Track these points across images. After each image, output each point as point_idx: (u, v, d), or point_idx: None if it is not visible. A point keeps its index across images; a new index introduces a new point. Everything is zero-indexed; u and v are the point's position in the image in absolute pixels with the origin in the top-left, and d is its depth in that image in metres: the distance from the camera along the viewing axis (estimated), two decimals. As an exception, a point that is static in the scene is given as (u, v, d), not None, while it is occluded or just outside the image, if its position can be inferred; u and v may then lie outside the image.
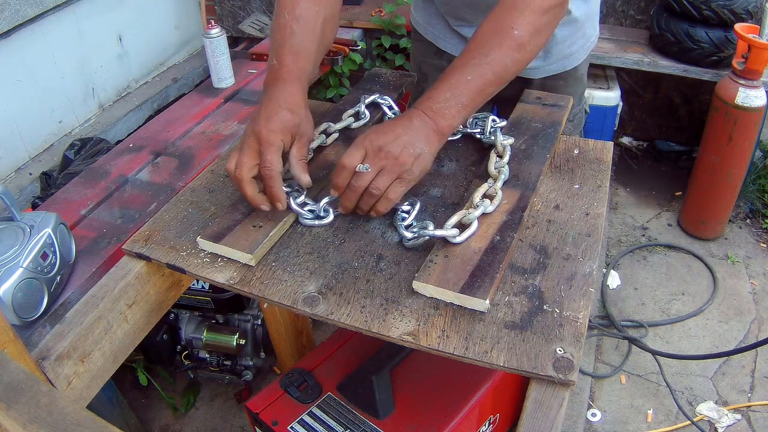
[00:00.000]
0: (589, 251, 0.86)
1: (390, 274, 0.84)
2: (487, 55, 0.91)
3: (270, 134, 0.87)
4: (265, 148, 0.87)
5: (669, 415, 1.87)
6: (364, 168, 0.86)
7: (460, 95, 0.90)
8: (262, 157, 0.87)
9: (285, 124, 0.89)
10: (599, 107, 2.40)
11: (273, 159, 0.87)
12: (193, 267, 0.88)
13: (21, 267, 1.00)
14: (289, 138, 0.90)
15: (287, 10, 0.98)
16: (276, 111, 0.89)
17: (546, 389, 0.70)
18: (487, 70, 0.91)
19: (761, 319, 2.16)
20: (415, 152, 0.87)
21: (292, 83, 0.94)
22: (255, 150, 0.88)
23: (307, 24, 0.98)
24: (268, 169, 0.87)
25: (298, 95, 0.93)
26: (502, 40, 0.92)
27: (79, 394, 0.83)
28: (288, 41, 0.96)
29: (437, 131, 0.90)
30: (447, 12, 1.32)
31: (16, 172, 1.96)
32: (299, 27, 0.97)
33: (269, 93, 0.93)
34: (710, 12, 2.15)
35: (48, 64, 2.04)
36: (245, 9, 2.88)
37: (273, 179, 0.87)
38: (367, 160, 0.87)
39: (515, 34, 0.92)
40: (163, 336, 1.79)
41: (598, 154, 1.07)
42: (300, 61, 0.96)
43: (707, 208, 2.44)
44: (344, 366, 1.34)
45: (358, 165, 0.87)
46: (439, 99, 0.90)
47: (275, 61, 0.96)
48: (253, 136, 0.88)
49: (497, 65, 0.92)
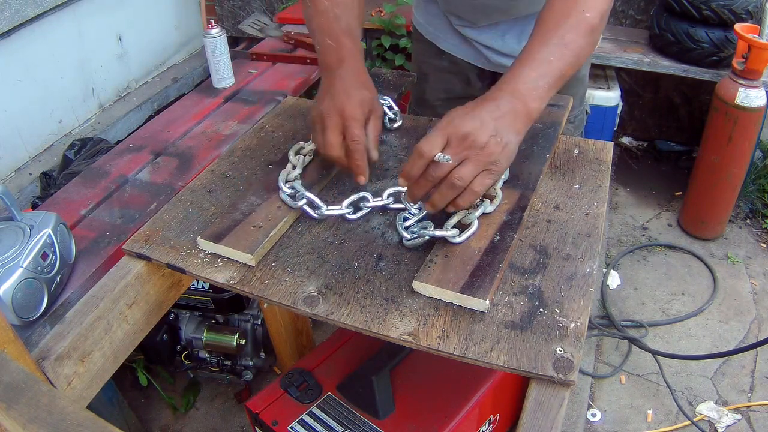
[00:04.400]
0: (589, 251, 0.86)
1: (390, 274, 0.84)
2: (563, 37, 0.86)
3: (354, 110, 0.92)
4: (350, 123, 0.91)
5: (669, 415, 1.87)
6: (445, 159, 0.77)
7: (546, 75, 0.85)
8: (349, 131, 0.91)
9: (364, 100, 0.94)
10: (599, 107, 2.40)
11: (360, 133, 0.91)
12: (193, 267, 0.88)
13: (21, 267, 1.00)
14: (367, 113, 0.95)
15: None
16: (354, 88, 0.94)
17: (546, 389, 0.70)
18: (567, 52, 0.86)
19: (761, 319, 2.16)
20: (503, 141, 0.80)
21: (357, 62, 0.99)
22: (339, 127, 0.92)
23: (346, 6, 1.02)
24: (356, 143, 0.91)
25: (365, 73, 1.00)
26: (576, 23, 0.88)
27: (79, 394, 0.83)
28: (336, 23, 1.00)
29: (527, 115, 0.84)
30: (449, 11, 1.32)
31: (16, 172, 1.96)
32: (341, 10, 1.01)
33: (338, 72, 0.96)
34: (710, 12, 2.15)
35: (48, 64, 2.04)
36: (245, 9, 2.88)
37: (360, 152, 0.91)
38: (448, 149, 0.79)
39: (587, 17, 0.88)
40: (163, 336, 1.79)
41: (598, 154, 1.07)
42: (355, 40, 1.01)
43: (707, 208, 2.44)
44: (344, 366, 1.34)
45: (437, 154, 0.78)
46: (526, 80, 0.84)
47: (330, 41, 0.99)
48: (335, 114, 0.92)
49: (575, 47, 0.87)
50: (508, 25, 1.28)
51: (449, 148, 0.79)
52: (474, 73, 1.40)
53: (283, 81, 2.03)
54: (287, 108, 1.27)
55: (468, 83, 1.42)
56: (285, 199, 0.94)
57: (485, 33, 1.30)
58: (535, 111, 0.84)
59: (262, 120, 1.24)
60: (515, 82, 0.84)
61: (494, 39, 1.30)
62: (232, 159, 1.12)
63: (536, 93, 0.84)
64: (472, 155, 0.79)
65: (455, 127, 0.79)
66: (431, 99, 1.46)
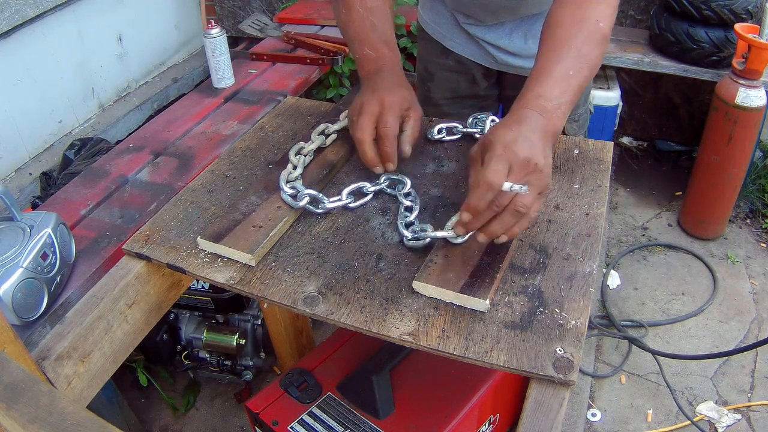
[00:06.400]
0: (589, 251, 0.86)
1: (390, 274, 0.84)
2: (580, 49, 0.85)
3: (393, 101, 0.95)
4: (386, 110, 0.94)
5: (669, 415, 1.87)
6: (522, 189, 0.74)
7: (567, 92, 0.83)
8: (383, 118, 0.93)
9: (404, 97, 0.97)
10: (599, 107, 2.40)
11: (393, 121, 0.94)
12: (193, 267, 0.88)
13: (21, 267, 1.00)
14: (406, 111, 0.97)
15: (358, 3, 1.04)
16: (395, 86, 0.97)
17: (546, 389, 0.70)
18: (584, 65, 0.86)
19: (761, 319, 2.16)
20: (549, 161, 0.79)
21: (397, 69, 1.02)
22: (375, 114, 0.94)
23: (381, 14, 1.04)
24: (387, 129, 0.94)
25: (406, 81, 1.02)
26: (591, 34, 0.87)
27: (79, 394, 0.83)
28: (372, 32, 1.03)
29: (554, 134, 0.82)
30: (456, 9, 1.32)
31: (16, 172, 1.96)
32: (376, 18, 1.03)
33: (378, 78, 0.99)
34: (710, 12, 2.15)
35: (48, 64, 2.04)
36: (245, 9, 2.88)
37: (390, 139, 0.94)
38: (512, 176, 0.75)
39: (601, 27, 0.87)
40: (163, 336, 1.79)
41: (598, 154, 1.07)
42: (394, 49, 1.04)
43: (707, 208, 2.44)
44: (344, 366, 1.34)
45: (507, 183, 0.74)
46: (551, 97, 0.82)
47: (370, 50, 1.02)
48: (376, 102, 0.94)
49: (591, 59, 0.87)
50: (515, 23, 1.28)
51: (512, 174, 0.76)
52: (480, 72, 1.40)
53: (283, 81, 2.04)
54: (287, 108, 1.27)
55: (474, 82, 1.42)
56: (286, 199, 0.94)
57: (492, 31, 1.30)
58: (559, 130, 0.84)
59: (262, 120, 1.24)
60: (541, 100, 0.82)
61: (501, 38, 1.30)
62: (232, 159, 1.12)
63: (560, 111, 0.83)
64: (533, 180, 0.76)
65: (514, 152, 0.76)
66: (437, 98, 1.47)
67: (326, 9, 2.56)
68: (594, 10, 0.87)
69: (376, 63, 1.01)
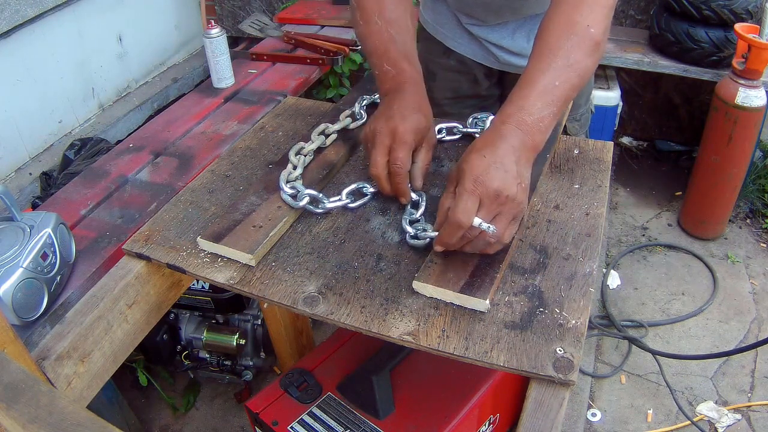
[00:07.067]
0: (589, 251, 0.86)
1: (390, 274, 0.84)
2: (568, 57, 0.83)
3: (405, 133, 0.91)
4: (397, 145, 0.91)
5: (669, 415, 1.87)
6: (490, 230, 0.76)
7: (551, 104, 0.81)
8: (393, 154, 0.91)
9: (418, 126, 0.93)
10: (599, 107, 2.40)
11: (404, 157, 0.91)
12: (193, 267, 0.88)
13: (21, 267, 1.00)
14: (419, 140, 0.94)
15: (377, 15, 0.99)
16: (411, 112, 0.93)
17: (546, 389, 0.70)
18: (572, 74, 0.83)
19: (761, 319, 2.16)
20: (524, 184, 0.79)
21: (417, 88, 0.97)
22: (387, 147, 0.91)
23: (401, 26, 1.00)
24: (397, 166, 0.91)
25: (425, 101, 0.98)
26: (581, 41, 0.84)
27: (79, 394, 0.83)
28: (392, 46, 0.98)
29: (534, 149, 0.82)
30: (459, 9, 1.32)
31: (16, 172, 1.96)
32: (396, 30, 0.99)
33: (397, 97, 0.95)
34: (710, 12, 2.15)
35: (48, 64, 2.04)
36: (245, 9, 2.88)
37: (400, 176, 0.91)
38: (482, 210, 0.77)
39: (592, 33, 0.84)
40: (163, 336, 1.79)
41: (598, 154, 1.07)
42: (414, 64, 1.00)
43: (707, 208, 2.44)
44: (344, 366, 1.34)
45: (475, 220, 0.76)
46: (532, 110, 0.81)
47: (389, 67, 0.98)
48: (387, 133, 0.91)
49: (581, 68, 0.84)
50: (518, 23, 1.28)
51: (483, 208, 0.77)
52: (482, 72, 1.40)
53: (283, 81, 2.04)
54: (287, 108, 1.27)
55: (475, 82, 1.42)
56: (286, 199, 0.94)
57: (495, 31, 1.30)
58: (540, 143, 0.82)
59: (262, 120, 1.24)
60: (522, 113, 0.81)
61: (504, 37, 1.30)
62: (232, 159, 1.12)
63: (542, 125, 0.81)
64: (504, 210, 0.78)
65: (484, 186, 0.76)
66: (438, 98, 1.46)
67: (326, 9, 2.57)
68: (584, 15, 0.84)
69: (395, 80, 0.97)
